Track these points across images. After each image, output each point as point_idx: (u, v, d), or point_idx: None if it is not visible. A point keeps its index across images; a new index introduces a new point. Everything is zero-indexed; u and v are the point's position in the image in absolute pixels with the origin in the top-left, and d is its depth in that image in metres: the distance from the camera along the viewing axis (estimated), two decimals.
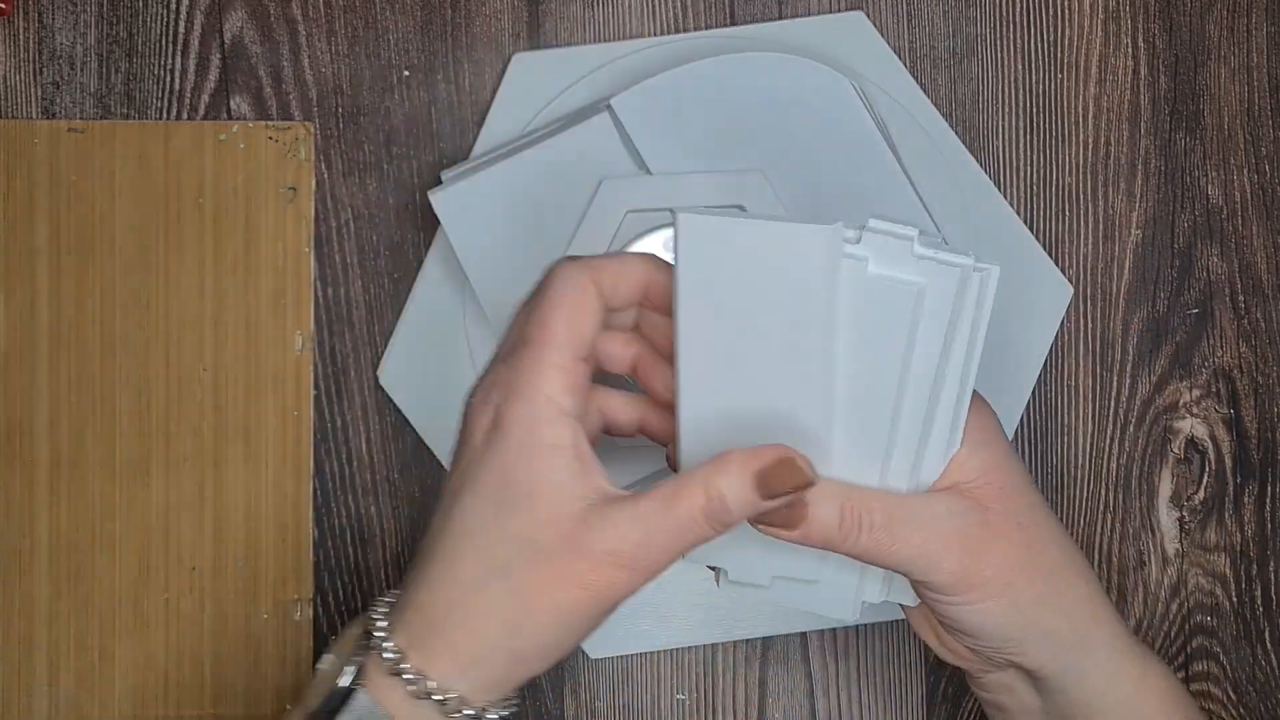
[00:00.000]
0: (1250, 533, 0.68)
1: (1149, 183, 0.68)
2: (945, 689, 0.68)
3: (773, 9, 0.68)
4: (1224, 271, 0.68)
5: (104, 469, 0.66)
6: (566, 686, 0.67)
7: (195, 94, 0.67)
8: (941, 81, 0.68)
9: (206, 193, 0.67)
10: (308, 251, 0.67)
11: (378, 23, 0.67)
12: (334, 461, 0.67)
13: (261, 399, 0.67)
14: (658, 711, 0.67)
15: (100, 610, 0.66)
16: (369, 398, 0.67)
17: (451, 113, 0.67)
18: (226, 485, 0.66)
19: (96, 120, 0.67)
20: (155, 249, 0.67)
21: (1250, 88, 0.68)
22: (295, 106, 0.67)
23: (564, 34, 0.68)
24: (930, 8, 0.68)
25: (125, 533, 0.66)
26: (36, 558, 0.66)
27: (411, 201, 0.67)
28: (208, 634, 0.66)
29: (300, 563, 0.66)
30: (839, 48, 0.67)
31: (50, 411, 0.66)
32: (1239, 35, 0.68)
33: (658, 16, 0.68)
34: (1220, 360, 0.68)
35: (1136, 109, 0.68)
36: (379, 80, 0.67)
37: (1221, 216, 0.68)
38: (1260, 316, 0.68)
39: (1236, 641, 0.67)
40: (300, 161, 0.67)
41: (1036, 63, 0.68)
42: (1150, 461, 0.68)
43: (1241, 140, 0.68)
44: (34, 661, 0.66)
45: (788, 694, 0.68)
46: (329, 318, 0.67)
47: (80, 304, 0.66)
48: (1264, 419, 0.68)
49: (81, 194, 0.66)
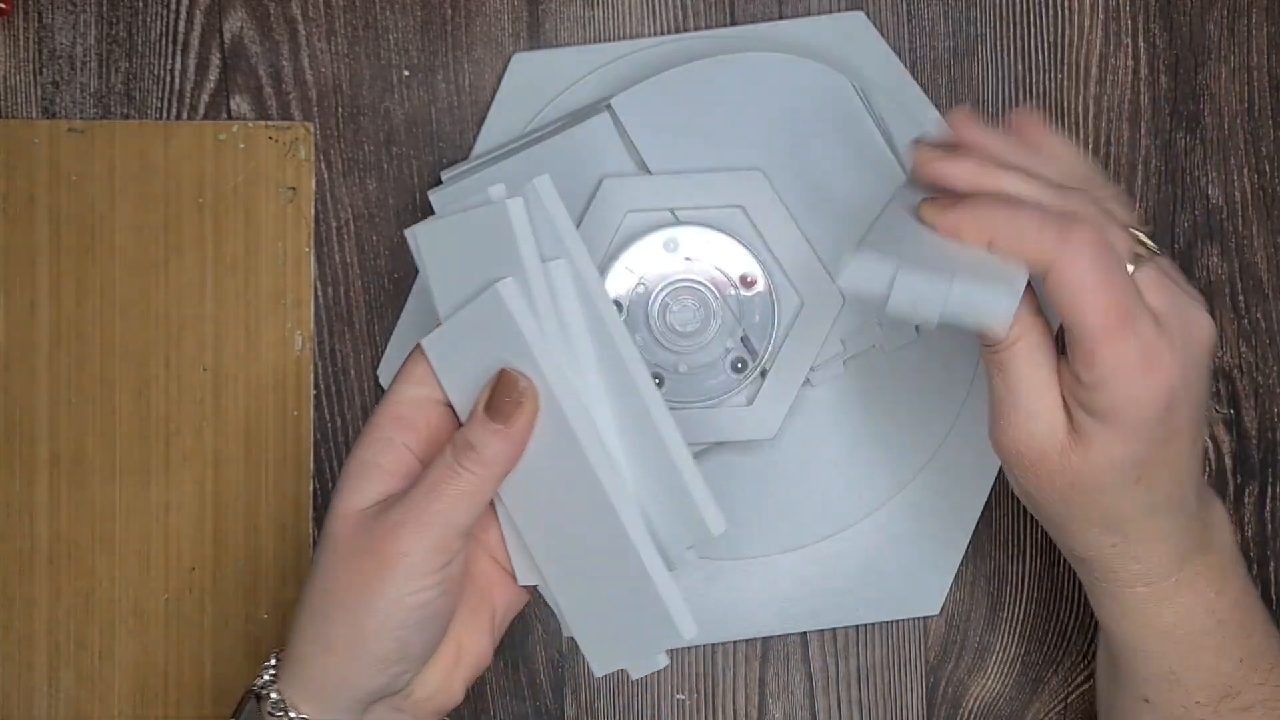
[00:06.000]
0: (1250, 533, 0.68)
1: (1149, 183, 0.68)
2: (945, 689, 0.68)
3: (773, 9, 0.68)
4: (1224, 271, 0.68)
5: (104, 469, 0.66)
6: (566, 687, 0.67)
7: (195, 94, 0.67)
8: (941, 81, 0.68)
9: (206, 193, 0.67)
10: (308, 251, 0.67)
11: (378, 23, 0.67)
12: (334, 461, 0.67)
13: (261, 399, 0.67)
14: (658, 711, 0.67)
15: (100, 610, 0.66)
16: (369, 398, 0.67)
17: (451, 113, 0.67)
18: (226, 485, 0.66)
19: (96, 120, 0.67)
20: (155, 249, 0.67)
21: (1250, 88, 0.68)
22: (295, 106, 0.67)
23: (564, 34, 0.68)
24: (930, 8, 0.68)
25: (125, 533, 0.66)
26: (36, 558, 0.66)
27: (411, 201, 0.67)
28: (208, 634, 0.66)
29: (300, 563, 0.66)
30: (839, 48, 0.67)
31: (50, 411, 0.66)
32: (1239, 35, 0.68)
33: (658, 16, 0.68)
34: (1220, 360, 0.68)
35: (1136, 109, 0.68)
36: (379, 80, 0.67)
37: (1221, 216, 0.68)
38: (1260, 316, 0.68)
39: None
40: (300, 161, 0.67)
41: (1036, 63, 0.68)
42: None
43: (1241, 140, 0.68)
44: (34, 661, 0.66)
45: (788, 694, 0.68)
46: (329, 318, 0.67)
47: (80, 304, 0.66)
48: (1264, 419, 0.68)
49: (81, 194, 0.66)
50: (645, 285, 0.64)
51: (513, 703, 0.67)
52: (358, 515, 0.51)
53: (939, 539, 0.66)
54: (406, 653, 0.51)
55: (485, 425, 0.50)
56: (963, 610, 0.68)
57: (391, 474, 0.52)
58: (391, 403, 0.52)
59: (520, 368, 0.50)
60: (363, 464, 0.52)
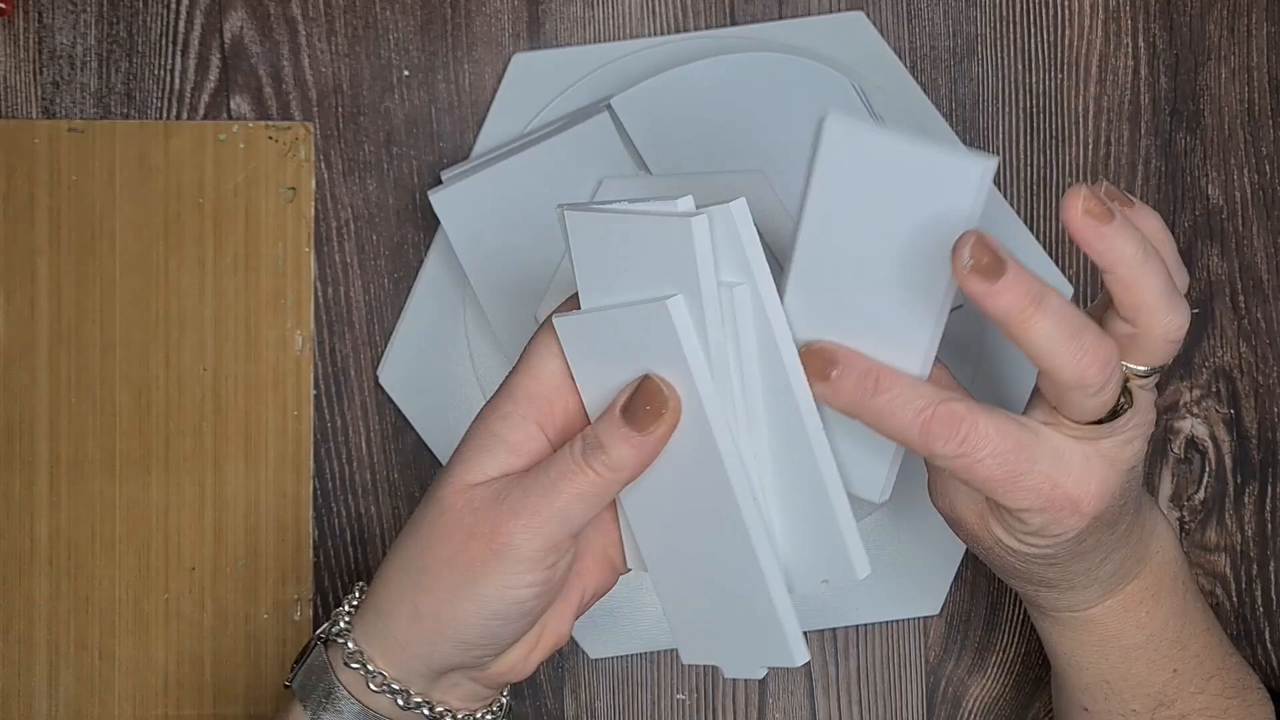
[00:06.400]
0: (1250, 533, 0.68)
1: (1149, 183, 0.68)
2: (945, 689, 0.68)
3: (773, 9, 0.68)
4: (1224, 271, 0.68)
5: (104, 469, 0.66)
6: (566, 686, 0.67)
7: (195, 94, 0.67)
8: (941, 81, 0.68)
9: (206, 193, 0.67)
10: (308, 251, 0.67)
11: (378, 23, 0.67)
12: (334, 461, 0.67)
13: (261, 399, 0.67)
14: (658, 711, 0.67)
15: (100, 610, 0.66)
16: (369, 398, 0.67)
17: (451, 113, 0.67)
18: (226, 485, 0.66)
19: (96, 120, 0.67)
20: (155, 249, 0.67)
21: (1250, 88, 0.68)
22: (295, 106, 0.67)
23: (564, 34, 0.68)
24: (930, 8, 0.68)
25: (125, 533, 0.66)
26: (36, 558, 0.66)
27: (411, 201, 0.67)
28: (208, 634, 0.66)
29: (300, 563, 0.66)
30: (839, 48, 0.67)
31: (50, 411, 0.66)
32: (1239, 35, 0.68)
33: (658, 16, 0.68)
34: (1220, 360, 0.68)
35: (1136, 109, 0.68)
36: (379, 80, 0.67)
37: (1221, 216, 0.68)
38: (1260, 316, 0.68)
39: (1237, 641, 0.67)
40: (300, 161, 0.67)
41: (1036, 63, 0.68)
42: (1150, 461, 0.68)
43: (1241, 140, 0.68)
44: (34, 661, 0.66)
45: (788, 694, 0.68)
46: (329, 318, 0.67)
47: (80, 304, 0.66)
48: (1264, 419, 0.68)
49: (81, 194, 0.66)
50: None
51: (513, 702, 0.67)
52: (473, 490, 0.49)
53: (939, 539, 0.66)
54: (494, 640, 0.50)
55: (619, 429, 0.48)
56: (963, 610, 0.68)
57: (516, 452, 0.49)
58: (529, 375, 0.50)
59: (669, 379, 0.48)
60: (490, 436, 0.49)
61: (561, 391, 0.50)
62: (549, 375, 0.50)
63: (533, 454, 0.49)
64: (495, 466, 0.49)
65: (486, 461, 0.49)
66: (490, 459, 0.49)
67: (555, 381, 0.50)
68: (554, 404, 0.50)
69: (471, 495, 0.49)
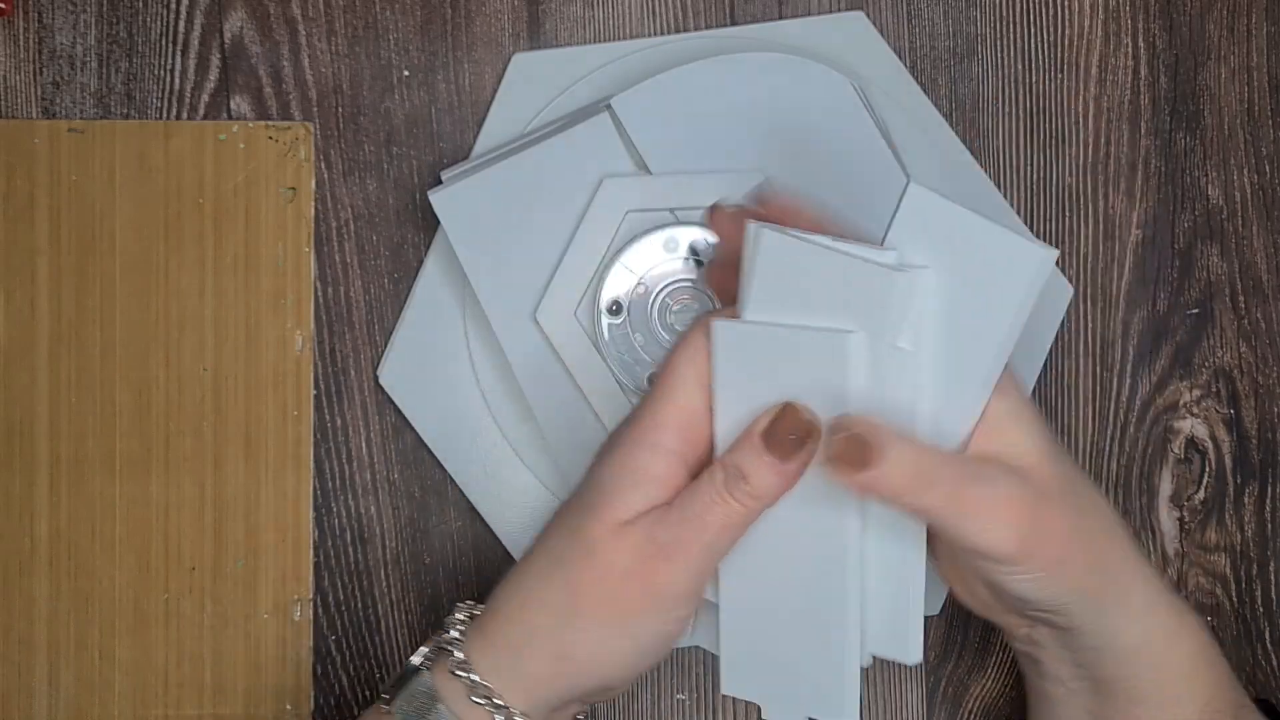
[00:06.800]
0: (1250, 533, 0.68)
1: (1149, 183, 0.68)
2: (945, 689, 0.68)
3: (773, 9, 0.68)
4: (1224, 271, 0.68)
5: (104, 469, 0.66)
6: None
7: (195, 94, 0.67)
8: (941, 81, 0.68)
9: (206, 193, 0.67)
10: (308, 251, 0.67)
11: (378, 23, 0.67)
12: (334, 461, 0.67)
13: (261, 399, 0.66)
14: (658, 711, 0.67)
15: (100, 610, 0.66)
16: (369, 398, 0.67)
17: (451, 113, 0.67)
18: (226, 485, 0.66)
19: (96, 120, 0.67)
20: (155, 249, 0.67)
21: (1250, 88, 0.68)
22: (295, 106, 0.67)
23: (564, 34, 0.68)
24: (930, 8, 0.68)
25: (125, 533, 0.66)
26: (36, 558, 0.66)
27: (411, 201, 0.67)
28: (208, 634, 0.66)
29: (300, 563, 0.66)
30: (839, 48, 0.67)
31: (50, 411, 0.66)
32: (1239, 35, 0.68)
33: (658, 16, 0.68)
34: (1220, 360, 0.68)
35: (1136, 109, 0.68)
36: (379, 80, 0.67)
37: (1221, 216, 0.68)
38: (1260, 316, 0.68)
39: (1236, 642, 0.67)
40: (300, 161, 0.67)
41: (1036, 63, 0.68)
42: (1150, 461, 0.68)
43: (1241, 140, 0.68)
44: (34, 661, 0.66)
45: None
46: (329, 318, 0.67)
47: (80, 304, 0.66)
48: (1264, 419, 0.68)
49: (81, 194, 0.66)
50: (645, 285, 0.64)
51: None
52: (624, 529, 0.48)
53: None
54: (636, 674, 0.50)
55: (762, 455, 0.47)
56: (963, 610, 0.68)
57: (662, 485, 0.49)
58: (675, 405, 0.49)
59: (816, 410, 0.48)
60: (639, 469, 0.49)
61: (705, 422, 0.49)
62: (695, 407, 0.49)
63: (676, 486, 0.49)
64: (641, 501, 0.48)
65: (634, 497, 0.49)
66: (638, 494, 0.49)
67: (700, 412, 0.49)
68: (696, 433, 0.49)
69: (622, 534, 0.48)
